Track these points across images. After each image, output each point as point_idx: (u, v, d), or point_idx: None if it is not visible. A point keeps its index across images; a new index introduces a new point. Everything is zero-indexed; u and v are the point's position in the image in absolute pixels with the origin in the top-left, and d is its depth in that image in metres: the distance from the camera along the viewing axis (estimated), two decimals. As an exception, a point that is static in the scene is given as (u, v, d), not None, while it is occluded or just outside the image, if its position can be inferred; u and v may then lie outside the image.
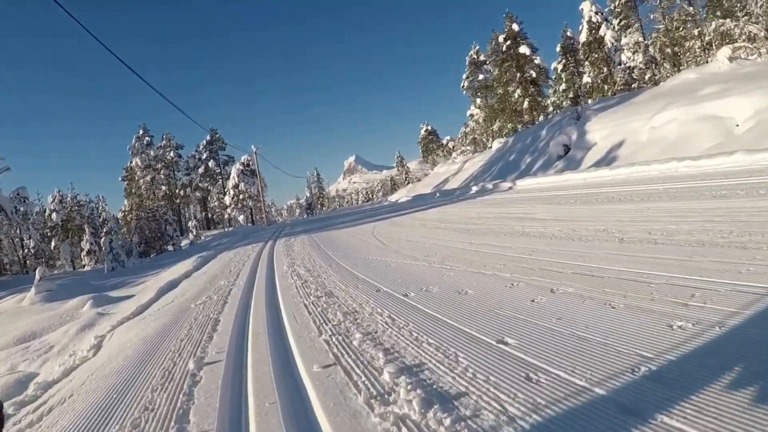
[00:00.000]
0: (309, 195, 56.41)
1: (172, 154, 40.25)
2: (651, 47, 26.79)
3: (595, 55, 28.93)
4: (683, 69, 24.26)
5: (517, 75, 32.64)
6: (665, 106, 16.54)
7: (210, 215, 45.21)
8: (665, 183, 7.79)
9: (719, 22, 21.17)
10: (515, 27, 32.25)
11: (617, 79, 27.84)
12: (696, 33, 23.41)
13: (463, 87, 39.71)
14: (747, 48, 19.23)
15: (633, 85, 26.30)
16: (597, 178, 11.00)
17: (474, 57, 38.40)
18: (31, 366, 6.86)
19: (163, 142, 40.27)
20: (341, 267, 5.67)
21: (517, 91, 32.83)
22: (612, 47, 28.05)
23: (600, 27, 27.96)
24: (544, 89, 34.44)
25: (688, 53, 25.00)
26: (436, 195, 22.52)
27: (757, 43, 18.80)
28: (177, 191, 40.76)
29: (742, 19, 19.48)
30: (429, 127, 50.78)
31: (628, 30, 27.37)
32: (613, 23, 27.91)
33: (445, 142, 50.38)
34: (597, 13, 28.29)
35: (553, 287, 3.09)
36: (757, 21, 19.09)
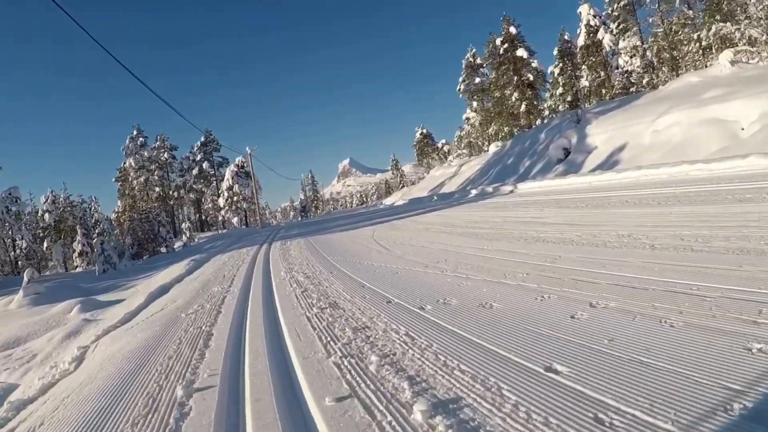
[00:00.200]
0: (303, 198, 55.82)
1: (166, 155, 39.69)
2: (648, 51, 26.72)
3: (593, 59, 28.82)
4: (682, 73, 24.17)
5: (515, 78, 32.46)
6: (668, 109, 16.32)
7: (204, 217, 44.59)
8: (679, 186, 7.49)
9: (719, 25, 21.09)
10: (513, 30, 32.10)
11: (615, 83, 27.72)
12: (695, 37, 23.32)
13: (460, 90, 39.51)
14: (748, 51, 19.13)
15: (631, 89, 26.17)
16: (603, 181, 10.71)
17: (470, 60, 38.20)
18: (12, 376, 6.44)
19: (157, 143, 39.71)
20: (344, 274, 5.28)
21: (514, 95, 32.62)
22: (610, 51, 27.95)
23: (598, 30, 27.85)
24: (541, 93, 34.31)
25: (687, 57, 24.94)
26: (433, 198, 22.20)
27: (758, 47, 18.69)
28: (171, 192, 40.17)
29: (743, 23, 19.39)
30: (424, 131, 50.49)
31: (626, 34, 27.29)
32: (611, 27, 27.80)
33: (441, 145, 50.12)
34: (595, 17, 28.20)
35: (592, 300, 2.73)
36: (758, 24, 19.00)
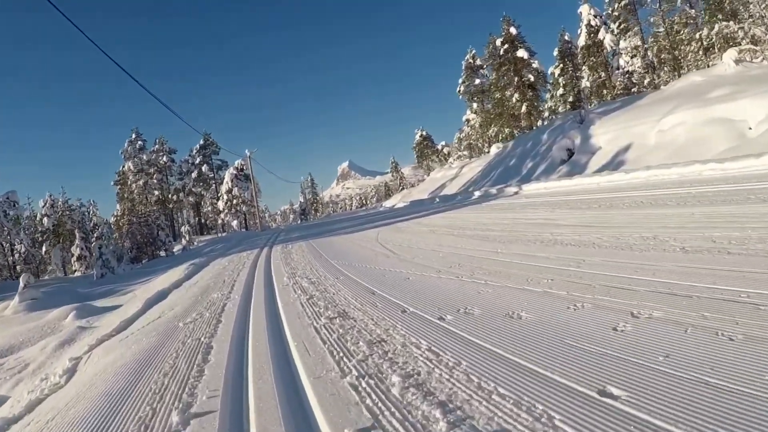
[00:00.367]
0: (303, 200, 55.48)
1: (165, 158, 39.43)
2: (649, 52, 26.55)
3: (594, 59, 28.63)
4: (683, 73, 23.98)
5: (515, 79, 32.26)
6: (672, 109, 16.12)
7: (203, 220, 44.29)
8: (694, 186, 7.24)
9: (722, 24, 20.91)
10: (513, 30, 31.92)
11: (616, 84, 27.53)
12: (697, 36, 23.14)
13: (460, 91, 39.33)
14: (752, 51, 18.95)
15: (633, 90, 25.98)
16: (612, 182, 10.46)
17: (470, 61, 38.02)
18: (3, 388, 6.20)
19: (156, 146, 39.46)
20: (351, 279, 5.01)
21: (515, 96, 32.42)
22: (611, 51, 27.77)
23: (599, 31, 27.66)
24: (541, 94, 34.11)
25: (688, 56, 24.76)
26: (435, 200, 21.95)
27: (762, 46, 18.51)
28: (170, 196, 39.89)
29: (747, 22, 19.20)
30: (424, 133, 50.27)
31: (627, 34, 27.12)
32: (612, 27, 27.63)
33: (440, 147, 49.91)
34: (596, 17, 28.01)
35: (633, 310, 2.47)
36: (762, 23, 18.82)
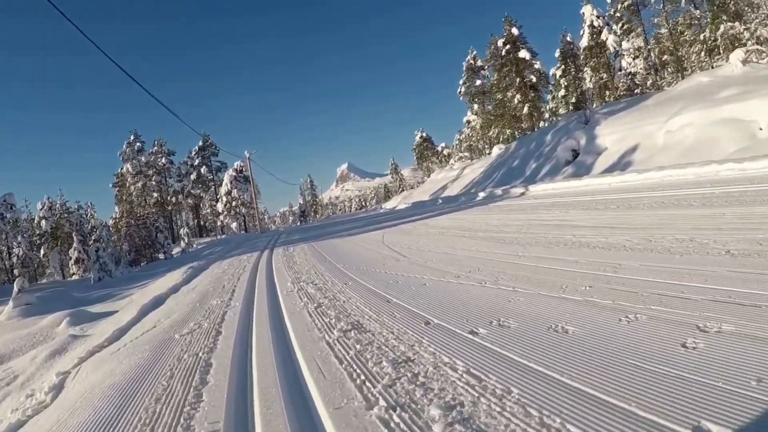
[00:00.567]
0: (302, 202, 55.16)
1: (163, 160, 39.07)
2: (652, 53, 26.33)
3: (596, 60, 28.38)
4: (687, 74, 23.76)
5: (517, 80, 31.99)
6: (680, 109, 15.83)
7: (202, 222, 43.91)
8: (716, 186, 6.92)
9: (728, 25, 20.68)
10: (515, 31, 31.66)
11: (619, 85, 27.28)
12: (702, 37, 22.90)
13: (460, 93, 39.10)
14: (758, 51, 18.72)
15: (635, 91, 25.71)
16: (625, 182, 10.14)
17: (471, 62, 37.80)
18: (-11, 402, 5.88)
19: (155, 148, 39.09)
20: (361, 285, 4.67)
21: (517, 97, 32.14)
22: (613, 52, 27.52)
23: (602, 31, 27.42)
24: (543, 95, 33.86)
25: (692, 57, 24.54)
26: (438, 202, 21.63)
27: (769, 46, 18.29)
28: (168, 198, 39.51)
29: (753, 23, 18.97)
30: (424, 134, 50.04)
31: (630, 35, 26.89)
32: (615, 28, 27.39)
33: (440, 149, 49.67)
34: (598, 17, 27.76)
35: (698, 323, 2.14)
36: (767, 24, 18.60)
